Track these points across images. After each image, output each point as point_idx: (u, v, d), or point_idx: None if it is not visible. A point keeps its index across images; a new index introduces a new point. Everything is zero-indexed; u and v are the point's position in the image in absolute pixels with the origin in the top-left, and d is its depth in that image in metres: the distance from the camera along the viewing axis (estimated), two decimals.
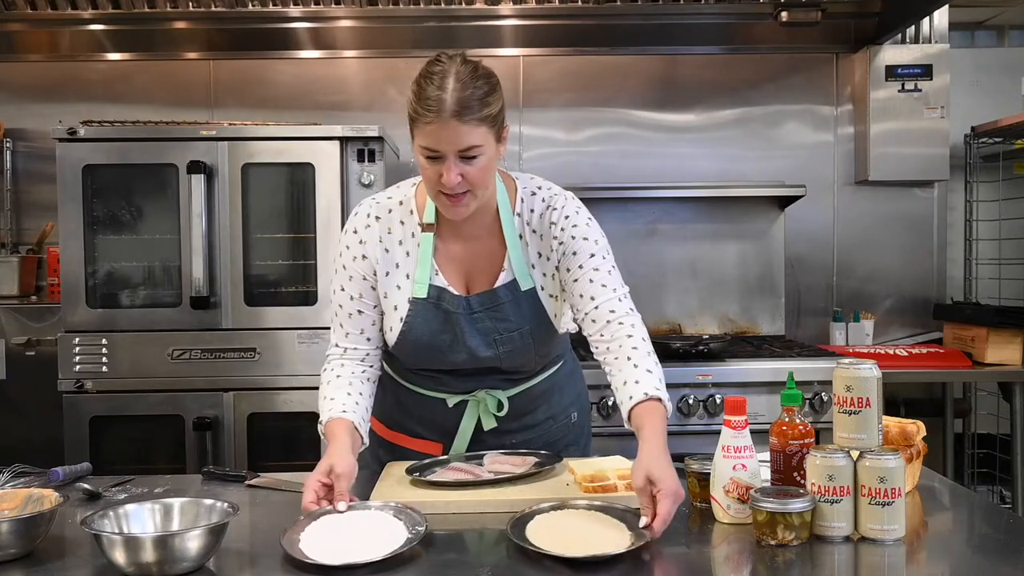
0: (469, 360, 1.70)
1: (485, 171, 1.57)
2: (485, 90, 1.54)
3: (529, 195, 1.72)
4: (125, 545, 1.22)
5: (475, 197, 1.59)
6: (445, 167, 1.54)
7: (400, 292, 1.70)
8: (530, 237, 1.71)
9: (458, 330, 1.69)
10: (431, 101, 1.51)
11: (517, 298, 1.69)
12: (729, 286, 3.57)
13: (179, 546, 1.22)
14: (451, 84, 1.51)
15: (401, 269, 1.70)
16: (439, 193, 1.59)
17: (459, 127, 1.51)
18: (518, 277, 1.69)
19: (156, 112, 3.42)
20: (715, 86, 3.63)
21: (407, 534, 1.32)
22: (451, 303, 1.69)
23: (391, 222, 1.72)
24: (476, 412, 1.75)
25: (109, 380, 2.87)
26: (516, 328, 1.69)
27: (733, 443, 1.40)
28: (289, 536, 1.32)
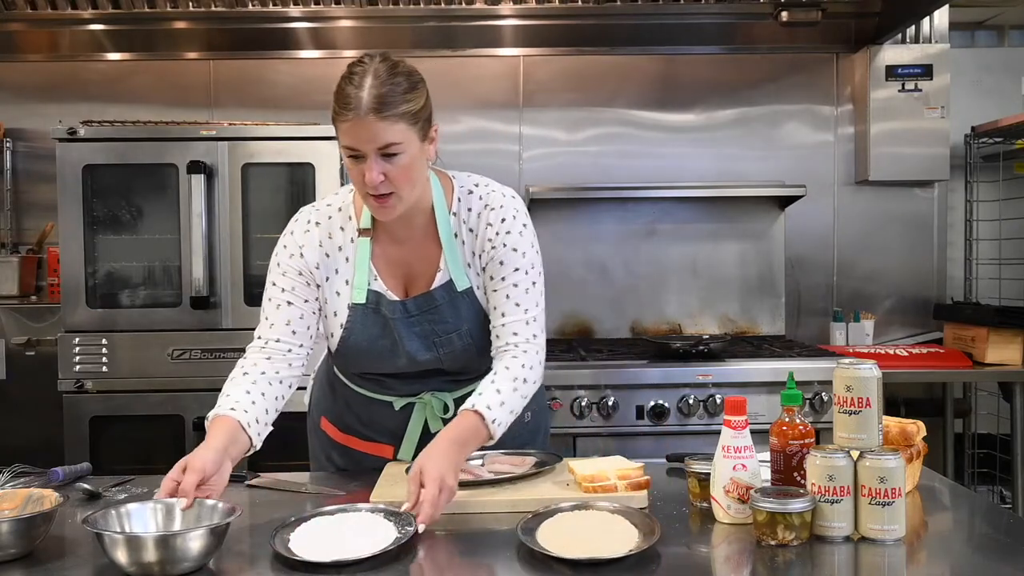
0: (409, 364, 1.69)
1: (408, 170, 1.55)
2: (404, 87, 1.53)
3: (466, 194, 1.70)
4: (127, 544, 1.22)
5: (400, 198, 1.56)
6: (367, 166, 1.51)
7: (340, 298, 1.68)
8: (466, 236, 1.69)
9: (397, 335, 1.67)
10: (349, 99, 1.50)
11: (454, 299, 1.68)
12: (729, 286, 3.57)
13: (181, 546, 1.22)
14: (368, 82, 1.50)
15: (340, 275, 1.69)
16: (367, 195, 1.56)
17: (376, 123, 1.49)
18: (454, 277, 1.68)
19: (156, 112, 3.41)
20: (715, 86, 3.63)
21: (396, 534, 1.32)
22: (388, 308, 1.67)
23: (331, 228, 1.70)
24: (423, 415, 1.74)
25: (109, 380, 2.88)
26: (455, 329, 1.68)
27: (733, 443, 1.40)
28: (280, 536, 1.32)
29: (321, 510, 1.42)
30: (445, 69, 3.52)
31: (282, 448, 2.92)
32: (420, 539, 1.35)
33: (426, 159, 1.60)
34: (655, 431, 2.84)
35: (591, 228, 3.51)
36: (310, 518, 1.38)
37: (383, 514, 1.39)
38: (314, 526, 1.36)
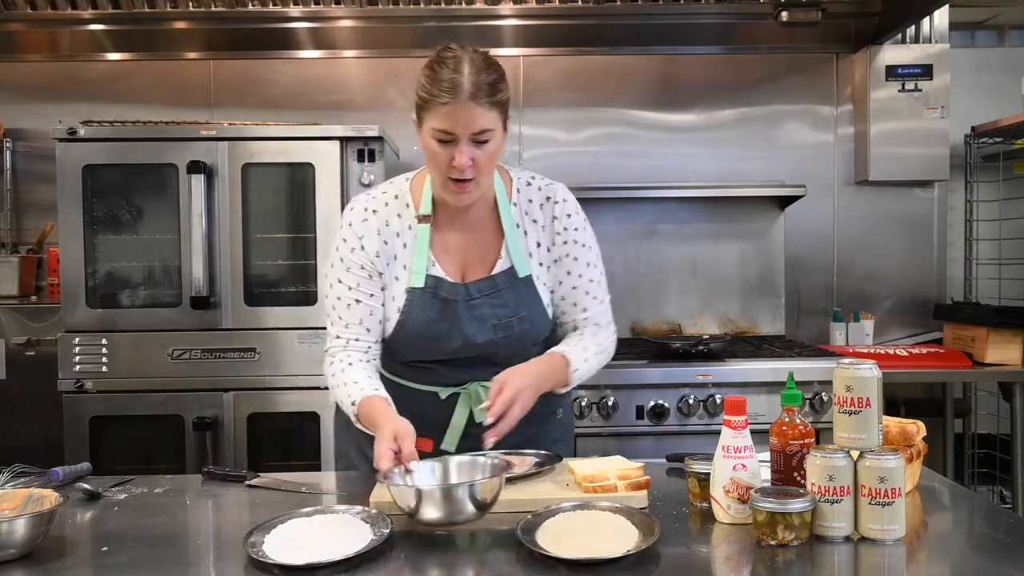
0: (464, 347, 1.71)
1: (493, 157, 1.63)
2: (496, 76, 1.60)
3: (524, 185, 1.78)
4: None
5: (479, 184, 1.64)
6: (458, 150, 1.58)
7: (398, 283, 1.72)
8: (529, 226, 1.75)
9: (455, 318, 1.70)
10: (447, 83, 1.56)
11: (515, 285, 1.73)
12: (729, 286, 3.57)
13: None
14: (466, 68, 1.57)
15: (399, 261, 1.72)
16: (447, 179, 1.62)
17: (475, 109, 1.56)
18: (516, 264, 1.73)
19: (156, 112, 3.42)
20: (715, 86, 3.63)
21: (372, 536, 1.31)
22: (449, 291, 1.71)
23: (388, 215, 1.74)
24: (468, 405, 1.75)
25: (109, 380, 2.88)
26: (515, 314, 1.72)
27: (733, 443, 1.40)
28: (254, 538, 1.31)
29: (296, 512, 1.41)
30: None
31: (282, 448, 2.95)
32: (419, 538, 1.35)
33: (500, 156, 1.68)
34: (655, 431, 2.84)
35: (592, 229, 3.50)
36: (286, 520, 1.38)
37: (360, 516, 1.39)
38: (289, 528, 1.35)
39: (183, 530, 1.49)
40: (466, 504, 1.33)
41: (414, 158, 3.43)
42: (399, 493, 1.35)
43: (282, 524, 1.36)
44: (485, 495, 1.35)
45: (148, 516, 1.52)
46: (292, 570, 1.23)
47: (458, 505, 1.33)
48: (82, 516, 1.53)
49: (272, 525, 1.35)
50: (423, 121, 1.62)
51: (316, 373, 2.87)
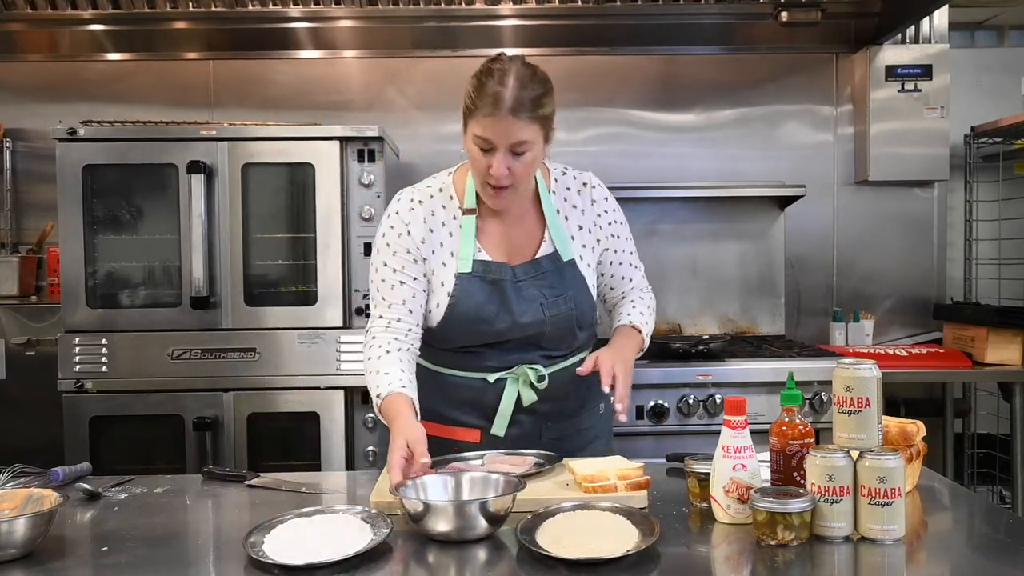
0: (514, 328, 1.76)
1: (530, 167, 1.72)
2: (541, 92, 1.70)
3: (561, 175, 1.90)
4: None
5: (516, 190, 1.73)
6: (495, 159, 1.67)
7: (446, 269, 1.78)
8: (569, 212, 1.85)
9: (504, 299, 1.76)
10: (490, 96, 1.64)
11: (559, 267, 1.81)
12: (729, 286, 3.57)
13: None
14: (511, 82, 1.65)
15: (445, 248, 1.79)
16: (485, 184, 1.72)
17: (514, 123, 1.64)
18: (559, 249, 1.82)
19: (156, 112, 3.42)
20: (715, 86, 3.63)
21: (371, 536, 1.31)
22: (496, 273, 1.77)
23: (433, 206, 1.81)
24: (516, 387, 1.78)
25: (109, 380, 2.87)
26: (560, 294, 1.79)
27: (733, 443, 1.40)
28: (253, 538, 1.31)
29: (296, 512, 1.41)
30: (445, 69, 3.52)
31: (282, 448, 2.95)
32: (419, 538, 1.35)
33: (538, 165, 1.78)
34: (655, 431, 2.84)
35: None
36: (286, 520, 1.38)
37: (360, 516, 1.39)
38: (289, 528, 1.35)
39: (183, 530, 1.49)
40: (478, 520, 1.33)
41: (414, 158, 3.42)
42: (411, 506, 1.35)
43: (282, 524, 1.36)
44: (497, 511, 1.35)
45: (148, 516, 1.52)
46: (292, 570, 1.23)
47: (470, 521, 1.33)
48: (82, 516, 1.53)
49: (272, 525, 1.35)
50: (467, 127, 1.71)
51: (316, 373, 2.87)
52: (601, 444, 1.92)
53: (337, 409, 2.88)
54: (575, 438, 1.87)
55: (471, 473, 1.52)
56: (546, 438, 1.84)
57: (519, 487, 1.42)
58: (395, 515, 1.39)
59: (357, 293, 2.90)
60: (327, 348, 2.86)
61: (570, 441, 1.86)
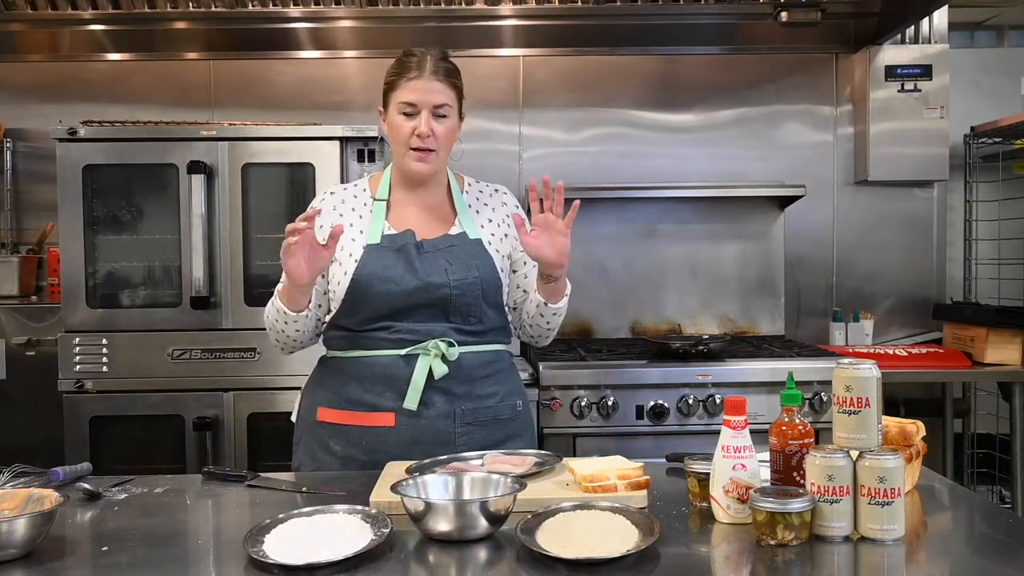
0: (421, 288, 1.83)
1: (450, 132, 1.87)
2: (455, 68, 1.89)
3: (475, 183, 2.04)
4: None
5: (437, 156, 1.86)
6: (420, 120, 1.82)
7: (354, 243, 1.87)
8: (480, 208, 1.98)
9: (410, 260, 1.84)
10: (415, 62, 1.83)
11: (466, 244, 1.90)
12: (729, 286, 3.57)
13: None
14: (428, 57, 1.85)
15: (355, 227, 1.90)
16: (407, 150, 1.85)
17: (437, 84, 1.83)
18: (467, 231, 1.92)
19: (156, 112, 3.42)
20: (715, 86, 3.63)
21: (372, 536, 1.32)
22: (404, 240, 1.87)
23: (344, 196, 1.96)
24: (428, 361, 1.82)
25: (109, 380, 2.88)
26: (464, 263, 1.87)
27: (733, 443, 1.40)
28: (254, 538, 1.31)
29: (297, 512, 1.41)
30: None
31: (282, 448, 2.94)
32: (419, 538, 1.35)
33: (456, 136, 1.92)
34: (655, 431, 2.84)
35: (591, 228, 3.51)
36: (286, 520, 1.37)
37: (360, 516, 1.39)
38: (290, 528, 1.35)
39: (183, 530, 1.49)
40: (478, 520, 1.33)
41: None
42: (412, 505, 1.35)
43: (282, 524, 1.36)
44: (498, 511, 1.35)
45: (148, 516, 1.52)
46: (292, 570, 1.23)
47: (470, 520, 1.33)
48: (82, 516, 1.53)
49: (272, 525, 1.35)
50: (390, 102, 1.87)
51: None
52: (521, 443, 1.92)
53: None
54: (492, 428, 1.88)
55: (471, 473, 1.52)
56: (461, 422, 1.85)
57: (519, 487, 1.42)
58: (395, 514, 1.39)
59: None
60: None
61: (487, 430, 1.88)
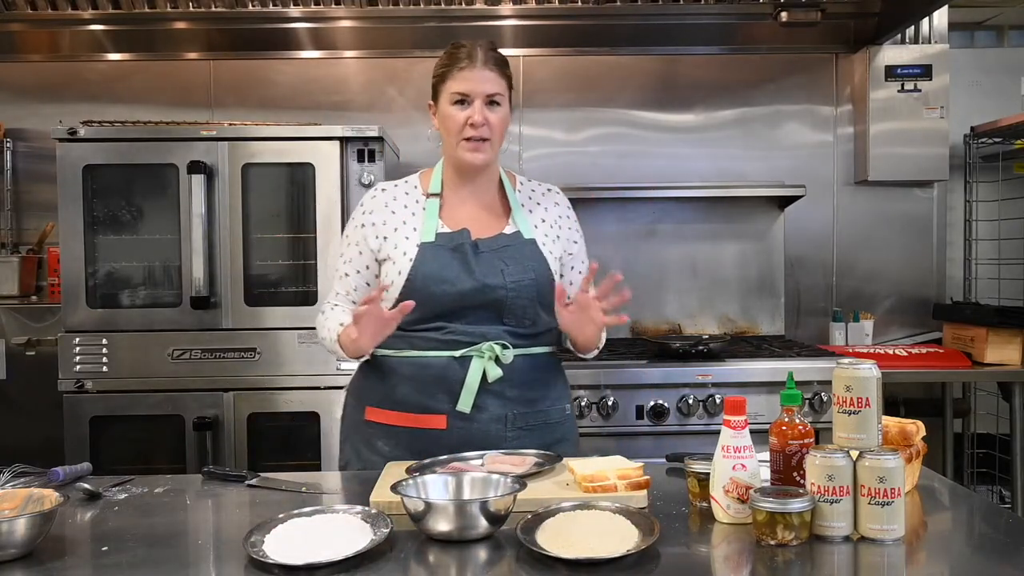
0: (475, 292, 1.80)
1: (502, 122, 1.86)
2: (504, 59, 1.88)
3: (527, 181, 2.03)
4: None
5: (492, 145, 1.85)
6: (474, 109, 1.81)
7: (408, 241, 1.86)
8: (533, 207, 1.96)
9: (466, 261, 1.83)
10: (465, 52, 1.83)
11: (521, 244, 1.88)
12: (729, 286, 3.57)
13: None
14: (479, 48, 1.84)
15: (408, 225, 1.89)
16: (461, 140, 1.83)
17: (489, 74, 1.83)
18: (521, 230, 1.90)
19: (156, 112, 3.42)
20: (715, 86, 3.63)
21: (372, 536, 1.32)
22: (459, 239, 1.85)
23: (396, 193, 1.94)
24: (482, 364, 1.80)
25: (109, 380, 2.88)
26: (520, 264, 1.85)
27: (733, 443, 1.40)
28: (253, 538, 1.31)
29: (297, 512, 1.41)
30: None
31: (282, 448, 2.95)
32: (419, 538, 1.35)
33: (508, 126, 1.90)
34: (655, 431, 2.84)
35: (591, 228, 3.43)
36: (286, 520, 1.37)
37: (360, 516, 1.39)
38: (290, 528, 1.35)
39: (183, 530, 1.49)
40: (478, 520, 1.33)
41: (414, 158, 3.42)
42: (412, 505, 1.35)
43: (282, 524, 1.36)
44: (498, 511, 1.35)
45: (148, 516, 1.52)
46: (292, 570, 1.23)
47: (470, 520, 1.33)
48: (82, 516, 1.53)
49: (272, 525, 1.35)
50: (441, 94, 1.85)
51: (316, 373, 2.88)
52: (568, 447, 1.90)
53: (337, 409, 2.84)
54: (543, 432, 1.87)
55: (472, 473, 1.52)
56: (512, 426, 1.84)
57: (519, 487, 1.42)
58: (395, 514, 1.39)
59: None
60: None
61: (537, 434, 1.87)
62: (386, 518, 1.36)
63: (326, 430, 2.86)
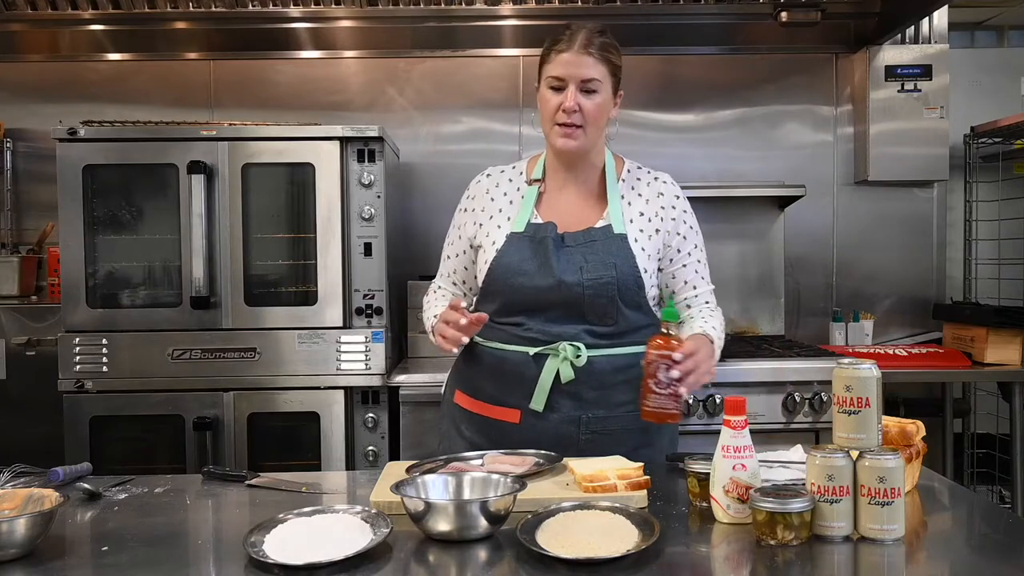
0: (553, 288, 1.79)
1: (599, 109, 1.81)
2: (611, 43, 1.84)
3: (635, 168, 1.97)
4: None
5: (585, 133, 1.81)
6: (567, 94, 1.78)
7: (499, 230, 1.88)
8: (634, 199, 1.91)
9: (546, 256, 1.81)
10: (567, 35, 1.81)
11: (609, 239, 1.84)
12: (729, 286, 3.57)
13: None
14: (584, 30, 1.82)
15: (503, 213, 1.90)
16: (554, 126, 1.82)
17: (585, 58, 1.78)
18: (613, 223, 1.85)
19: (156, 112, 3.42)
20: (715, 86, 3.63)
21: (372, 536, 1.32)
22: (544, 232, 1.84)
23: (500, 179, 1.96)
24: (556, 363, 1.79)
25: (109, 380, 2.88)
26: (603, 261, 1.81)
27: (733, 443, 1.40)
28: (254, 538, 1.31)
29: (297, 512, 1.41)
30: (445, 69, 3.52)
31: (282, 448, 2.95)
32: (419, 538, 1.35)
33: (609, 115, 1.86)
34: None
35: None
36: (286, 520, 1.37)
37: (360, 516, 1.39)
38: (290, 528, 1.35)
39: (183, 530, 1.49)
40: (478, 520, 1.33)
41: (414, 158, 3.43)
42: (412, 505, 1.35)
43: (282, 524, 1.36)
44: (498, 511, 1.35)
45: (148, 516, 1.52)
46: (292, 570, 1.23)
47: (470, 520, 1.33)
48: (82, 516, 1.53)
49: (272, 525, 1.35)
50: (541, 76, 1.84)
51: (316, 373, 2.88)
52: (649, 455, 1.79)
53: (337, 409, 2.88)
54: (621, 437, 1.79)
55: (472, 473, 1.52)
56: (587, 429, 1.80)
57: (519, 487, 1.42)
58: (395, 514, 1.39)
59: (357, 293, 2.90)
60: (327, 348, 2.86)
61: (614, 438, 1.79)
62: (386, 518, 1.36)
63: (326, 430, 2.86)
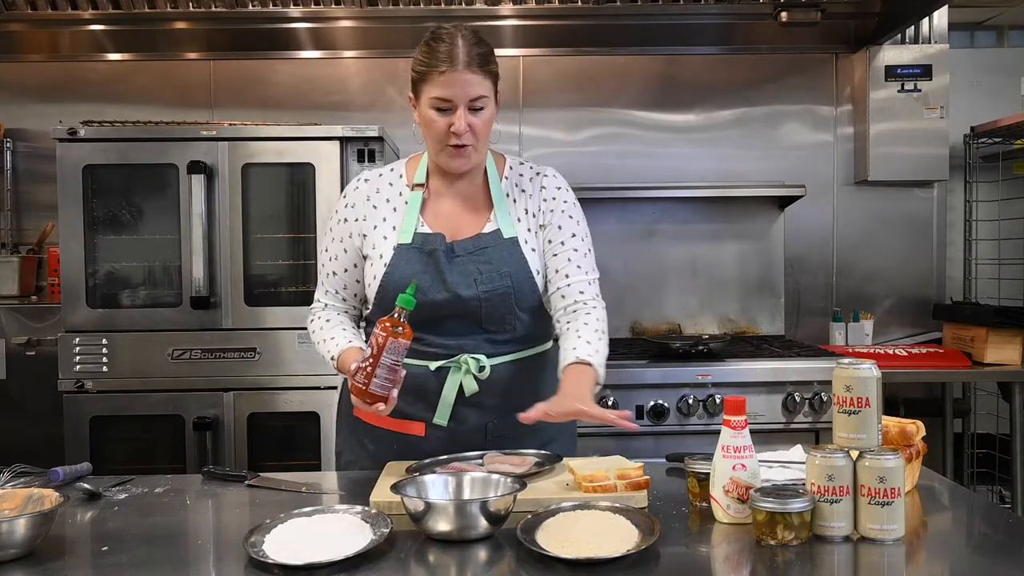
0: (449, 302, 1.75)
1: (487, 124, 1.75)
2: (488, 49, 1.74)
3: (517, 164, 1.91)
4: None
5: (476, 150, 1.76)
6: (456, 116, 1.70)
7: (386, 242, 1.80)
8: (518, 196, 1.85)
9: (439, 269, 1.76)
10: (444, 54, 1.68)
11: (499, 244, 1.79)
12: (729, 286, 3.57)
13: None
14: (460, 42, 1.70)
15: (388, 223, 1.82)
16: (444, 147, 1.74)
17: (471, 77, 1.68)
18: (502, 227, 1.81)
19: (156, 112, 3.42)
20: (715, 86, 3.63)
21: (372, 536, 1.32)
22: (434, 243, 1.77)
23: (379, 184, 1.86)
24: (459, 376, 1.77)
25: (109, 380, 2.88)
26: (496, 270, 1.77)
27: (733, 443, 1.40)
28: (254, 538, 1.31)
29: (297, 512, 1.41)
30: None
31: (282, 448, 2.95)
32: (419, 538, 1.35)
33: (493, 124, 1.79)
34: (655, 431, 2.84)
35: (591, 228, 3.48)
36: (286, 520, 1.37)
37: (360, 516, 1.39)
38: (290, 528, 1.35)
39: (183, 530, 1.49)
40: (478, 520, 1.33)
41: None
42: (412, 505, 1.35)
43: (282, 524, 1.36)
44: (498, 511, 1.35)
45: (148, 516, 1.52)
46: (292, 570, 1.23)
47: (470, 520, 1.34)
48: (82, 516, 1.53)
49: (272, 525, 1.35)
50: (421, 93, 1.73)
51: (316, 373, 2.87)
52: (559, 446, 1.81)
53: None
54: (527, 438, 1.77)
55: (472, 473, 1.52)
56: (492, 435, 1.80)
57: (519, 487, 1.42)
58: (395, 514, 1.39)
59: None
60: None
61: (521, 440, 1.78)
62: (386, 518, 1.36)
63: (326, 430, 2.86)
